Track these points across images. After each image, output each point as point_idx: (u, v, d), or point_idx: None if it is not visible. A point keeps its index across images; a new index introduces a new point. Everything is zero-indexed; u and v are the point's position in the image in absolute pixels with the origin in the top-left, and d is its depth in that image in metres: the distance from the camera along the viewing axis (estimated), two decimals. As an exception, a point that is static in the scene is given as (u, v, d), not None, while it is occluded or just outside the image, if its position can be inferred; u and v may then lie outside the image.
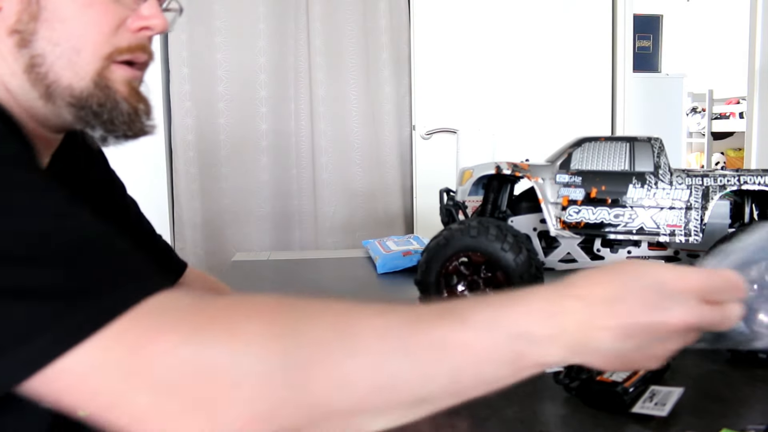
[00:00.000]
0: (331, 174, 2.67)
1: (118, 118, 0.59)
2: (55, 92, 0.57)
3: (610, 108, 2.82)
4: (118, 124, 0.59)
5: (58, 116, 0.59)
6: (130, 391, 0.39)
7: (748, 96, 2.71)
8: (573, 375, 0.69)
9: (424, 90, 2.69)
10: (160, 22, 0.60)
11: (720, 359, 0.80)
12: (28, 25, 0.54)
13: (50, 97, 0.57)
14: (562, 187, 0.90)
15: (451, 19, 2.67)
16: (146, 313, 0.41)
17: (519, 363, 0.45)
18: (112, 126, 0.59)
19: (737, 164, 4.30)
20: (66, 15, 0.55)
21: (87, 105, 0.57)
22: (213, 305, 0.43)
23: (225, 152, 2.61)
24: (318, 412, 0.41)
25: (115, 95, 0.58)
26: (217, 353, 0.39)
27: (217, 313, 0.42)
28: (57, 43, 0.55)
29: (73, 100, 0.57)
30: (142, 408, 0.39)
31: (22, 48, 0.55)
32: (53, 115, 0.58)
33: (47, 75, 0.56)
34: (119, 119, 0.59)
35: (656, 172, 0.87)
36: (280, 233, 2.67)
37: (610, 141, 0.91)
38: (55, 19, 0.55)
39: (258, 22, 2.57)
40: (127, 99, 0.59)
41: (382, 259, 1.38)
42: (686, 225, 0.86)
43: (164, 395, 0.39)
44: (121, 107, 0.59)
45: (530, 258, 0.84)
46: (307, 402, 0.40)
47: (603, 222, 0.89)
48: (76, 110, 0.57)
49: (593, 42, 2.77)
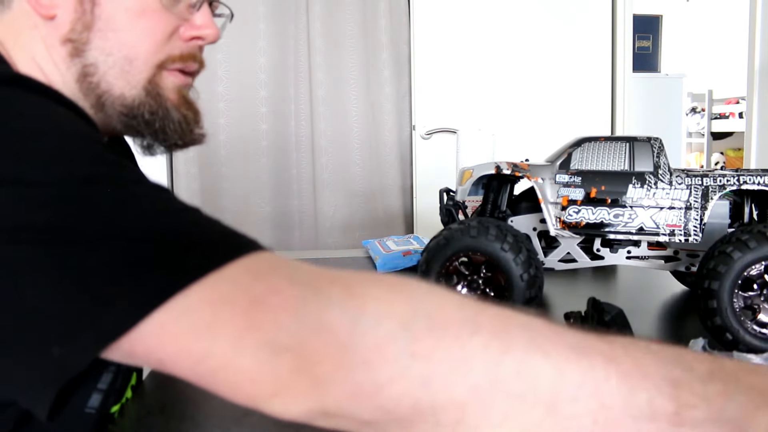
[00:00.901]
0: (331, 174, 2.68)
1: (169, 127, 0.59)
2: (107, 101, 0.56)
3: (609, 108, 2.82)
4: (170, 133, 0.59)
5: (108, 125, 0.58)
6: (239, 346, 0.34)
7: (748, 96, 2.71)
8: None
9: (424, 90, 2.69)
10: (213, 31, 0.60)
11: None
12: (82, 34, 0.54)
13: (102, 106, 0.57)
14: (562, 187, 0.90)
15: (451, 19, 2.67)
16: (262, 265, 0.38)
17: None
18: (163, 135, 0.59)
19: (737, 164, 4.30)
20: (119, 25, 0.55)
21: (138, 113, 0.57)
22: (329, 270, 0.39)
23: (225, 152, 2.62)
24: (428, 395, 0.35)
25: (165, 103, 0.58)
26: (338, 313, 0.35)
27: (335, 276, 0.38)
28: (110, 53, 0.55)
29: (125, 109, 0.57)
30: (249, 367, 0.35)
31: (74, 57, 0.55)
32: (103, 124, 0.58)
33: (99, 84, 0.56)
34: (170, 128, 0.59)
35: (656, 172, 0.88)
36: (280, 233, 2.67)
37: (610, 141, 0.91)
38: (109, 29, 0.55)
39: (258, 22, 2.57)
40: (178, 107, 0.59)
41: (382, 259, 1.38)
42: (686, 225, 0.86)
43: (278, 355, 0.34)
44: (172, 116, 0.58)
45: (530, 258, 0.84)
46: (420, 378, 0.35)
47: (603, 222, 0.89)
48: (128, 119, 0.57)
49: (593, 42, 2.77)
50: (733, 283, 0.78)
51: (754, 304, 0.80)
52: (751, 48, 2.65)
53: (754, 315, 0.80)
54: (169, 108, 0.58)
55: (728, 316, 0.78)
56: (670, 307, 1.09)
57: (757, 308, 0.80)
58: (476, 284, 0.88)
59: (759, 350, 0.76)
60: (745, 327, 0.78)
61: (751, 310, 0.80)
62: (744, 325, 0.78)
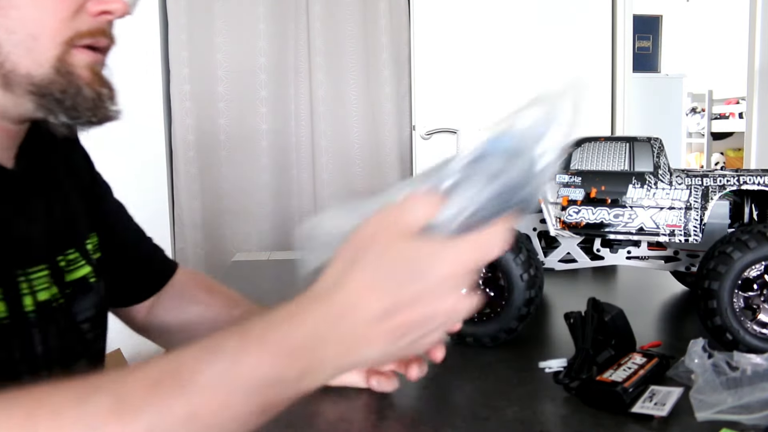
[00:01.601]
0: (331, 174, 2.68)
1: (81, 105, 0.57)
2: (13, 81, 0.55)
3: (609, 108, 2.82)
4: (82, 111, 0.57)
5: (18, 105, 0.57)
6: None
7: (748, 96, 2.71)
8: (573, 375, 0.69)
9: (424, 90, 2.69)
10: (120, 6, 0.57)
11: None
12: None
13: (9, 86, 0.55)
14: (562, 187, 0.90)
15: (451, 19, 2.67)
16: None
17: (267, 409, 0.40)
18: (75, 113, 0.57)
19: (737, 164, 4.30)
20: (20, 1, 0.53)
21: (48, 92, 0.55)
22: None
23: (225, 152, 2.62)
24: None
25: (77, 81, 0.56)
26: None
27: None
28: (13, 30, 0.53)
29: (34, 88, 0.55)
30: None
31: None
32: (13, 105, 0.57)
33: (4, 64, 0.54)
34: (83, 105, 0.57)
35: (656, 172, 0.88)
36: (280, 233, 2.67)
37: (610, 141, 0.91)
38: (10, 6, 0.53)
39: (258, 22, 2.57)
40: (90, 84, 0.57)
41: (382, 259, 1.38)
42: (686, 225, 0.86)
43: None
44: (85, 93, 0.57)
45: (530, 258, 0.84)
46: None
47: (603, 222, 0.89)
48: (38, 98, 0.56)
49: (593, 42, 2.77)
50: (733, 283, 0.78)
51: (754, 304, 0.80)
52: (751, 48, 2.65)
53: (754, 315, 0.80)
54: (81, 86, 0.56)
55: (728, 316, 0.78)
56: (670, 307, 1.09)
57: (757, 308, 0.80)
58: (476, 284, 0.88)
59: (759, 350, 0.76)
60: (745, 327, 0.78)
61: (751, 310, 0.80)
62: (744, 325, 0.78)
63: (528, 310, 0.84)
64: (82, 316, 0.67)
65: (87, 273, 0.68)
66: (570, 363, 0.72)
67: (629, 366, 0.70)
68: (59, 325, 0.62)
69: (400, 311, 0.41)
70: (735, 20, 4.13)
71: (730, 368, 0.70)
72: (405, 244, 0.41)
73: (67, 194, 0.70)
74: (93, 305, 0.69)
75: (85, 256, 0.69)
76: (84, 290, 0.67)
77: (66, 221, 0.67)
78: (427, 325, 0.42)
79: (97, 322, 0.70)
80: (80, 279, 0.67)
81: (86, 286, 0.68)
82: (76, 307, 0.66)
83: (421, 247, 0.41)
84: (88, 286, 0.68)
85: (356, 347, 0.41)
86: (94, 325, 0.69)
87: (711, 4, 4.64)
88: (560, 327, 0.88)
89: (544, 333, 0.95)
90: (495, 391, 0.72)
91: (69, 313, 0.65)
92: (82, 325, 0.67)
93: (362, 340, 0.41)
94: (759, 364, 0.71)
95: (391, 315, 0.40)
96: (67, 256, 0.66)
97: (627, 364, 0.71)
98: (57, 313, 0.62)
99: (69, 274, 0.66)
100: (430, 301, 0.41)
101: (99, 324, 0.71)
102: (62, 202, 0.68)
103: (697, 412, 0.62)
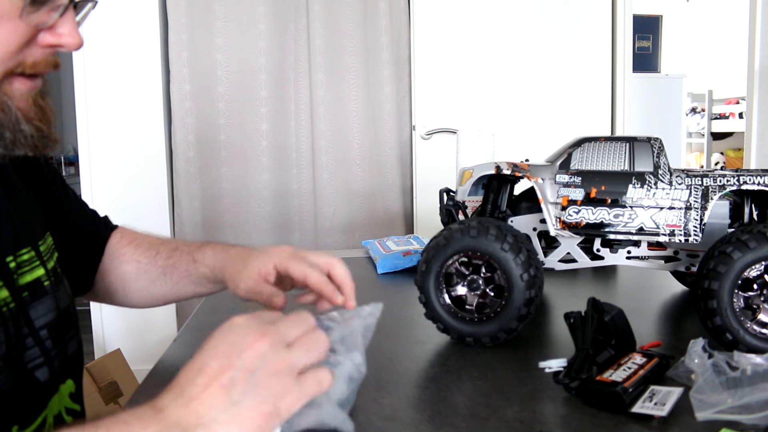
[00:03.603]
0: (331, 174, 2.68)
1: (20, 141, 0.56)
2: None
3: (609, 108, 2.82)
4: (20, 147, 0.56)
5: None
6: None
7: (748, 96, 2.71)
8: (573, 375, 0.69)
9: (424, 90, 2.69)
10: (75, 41, 0.56)
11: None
12: None
13: None
14: (562, 187, 0.90)
15: (451, 19, 2.67)
16: None
17: None
18: (13, 147, 0.56)
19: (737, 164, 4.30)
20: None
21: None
22: None
23: (225, 152, 2.62)
24: None
25: (16, 114, 0.55)
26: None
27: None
28: None
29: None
30: None
31: None
32: None
33: None
34: (21, 141, 0.56)
35: (656, 172, 0.88)
36: (280, 233, 2.67)
37: (610, 141, 0.91)
38: None
39: (258, 23, 2.57)
40: (29, 119, 0.56)
41: (382, 260, 1.38)
42: (686, 225, 0.86)
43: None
44: (23, 129, 0.56)
45: (530, 258, 0.84)
46: None
47: (603, 222, 0.89)
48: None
49: (593, 42, 2.77)
50: (733, 283, 0.78)
51: (754, 304, 0.80)
52: (751, 48, 2.65)
53: (754, 315, 0.80)
54: (20, 119, 0.56)
55: (728, 316, 0.78)
56: (670, 307, 1.09)
57: (757, 308, 0.80)
58: (476, 284, 0.88)
59: (759, 350, 0.76)
60: (745, 327, 0.78)
61: (751, 310, 0.80)
62: (744, 325, 0.78)
63: (528, 310, 0.84)
64: (39, 322, 0.65)
65: (40, 275, 0.66)
66: (570, 363, 0.72)
67: (629, 366, 0.70)
68: (8, 332, 0.60)
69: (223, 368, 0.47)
70: (735, 20, 4.14)
71: (730, 368, 0.70)
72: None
73: (18, 191, 0.68)
74: (50, 310, 0.66)
75: (39, 257, 0.67)
76: (38, 294, 0.65)
77: (19, 220, 0.66)
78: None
79: (57, 328, 0.67)
80: (33, 282, 0.65)
81: (40, 290, 0.66)
82: (33, 312, 0.64)
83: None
84: (42, 290, 0.66)
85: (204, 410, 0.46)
86: (54, 331, 0.67)
87: (711, 4, 4.64)
88: (560, 327, 0.88)
89: (544, 333, 0.95)
90: (495, 391, 0.72)
91: (27, 318, 0.63)
92: (41, 332, 0.65)
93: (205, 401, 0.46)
94: (759, 364, 0.71)
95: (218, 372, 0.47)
96: (21, 257, 0.65)
97: (627, 364, 0.71)
98: (8, 319, 0.60)
99: (22, 277, 0.64)
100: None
101: (61, 330, 0.68)
102: (13, 199, 0.66)
103: (697, 412, 0.62)
